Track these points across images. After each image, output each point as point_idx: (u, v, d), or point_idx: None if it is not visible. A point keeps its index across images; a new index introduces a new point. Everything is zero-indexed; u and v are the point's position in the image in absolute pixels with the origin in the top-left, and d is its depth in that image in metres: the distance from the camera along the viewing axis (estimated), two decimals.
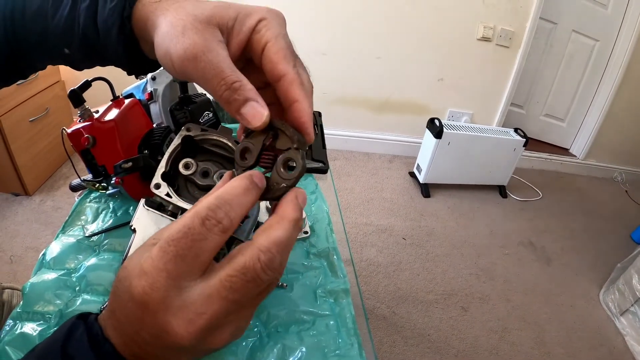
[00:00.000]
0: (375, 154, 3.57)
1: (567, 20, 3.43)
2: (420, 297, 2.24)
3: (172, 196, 0.62)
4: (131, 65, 0.51)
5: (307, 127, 0.39)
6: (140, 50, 0.48)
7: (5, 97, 2.22)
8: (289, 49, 0.40)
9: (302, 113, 0.39)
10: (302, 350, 0.71)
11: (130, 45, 0.47)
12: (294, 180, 0.38)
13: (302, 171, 0.38)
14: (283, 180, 0.38)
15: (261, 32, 0.40)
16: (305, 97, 0.39)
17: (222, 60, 0.38)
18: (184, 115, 0.97)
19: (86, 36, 0.48)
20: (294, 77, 0.39)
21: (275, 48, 0.40)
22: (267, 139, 0.40)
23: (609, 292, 2.44)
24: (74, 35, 0.49)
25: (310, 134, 0.39)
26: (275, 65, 0.39)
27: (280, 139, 0.39)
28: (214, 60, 0.38)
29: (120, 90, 1.05)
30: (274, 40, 0.40)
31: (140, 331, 0.32)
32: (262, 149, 0.40)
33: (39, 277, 0.79)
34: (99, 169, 0.88)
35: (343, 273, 0.87)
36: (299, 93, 0.39)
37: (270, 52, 0.40)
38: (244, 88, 0.38)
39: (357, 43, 3.13)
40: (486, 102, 3.42)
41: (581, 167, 3.91)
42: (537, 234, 2.96)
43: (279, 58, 0.39)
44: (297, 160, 0.38)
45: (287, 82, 0.39)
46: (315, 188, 1.14)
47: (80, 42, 0.49)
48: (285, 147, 0.39)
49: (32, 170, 2.52)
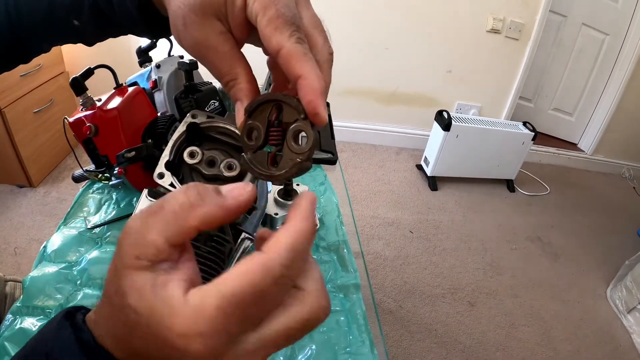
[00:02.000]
0: (382, 146, 3.55)
1: (577, 13, 3.39)
2: (427, 292, 2.22)
3: (177, 186, 0.59)
4: (149, 29, 0.48)
5: (314, 106, 0.33)
6: (156, 12, 0.45)
7: (9, 88, 2.21)
8: (282, 17, 0.34)
9: (308, 89, 0.33)
10: (312, 348, 0.69)
11: (145, 6, 0.44)
12: (308, 153, 0.35)
13: (315, 141, 0.35)
14: (296, 155, 0.35)
15: (249, 5, 0.35)
16: (311, 70, 0.33)
17: (221, 59, 0.37)
18: (189, 103, 0.94)
19: (97, 4, 0.46)
20: (291, 49, 0.33)
21: (264, 21, 0.34)
22: (272, 114, 0.37)
23: (616, 289, 2.42)
24: (83, 5, 0.46)
25: (319, 113, 0.33)
26: (268, 41, 0.34)
27: (285, 112, 0.36)
28: (215, 60, 0.37)
29: (124, 79, 1.03)
30: (263, 10, 0.34)
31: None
32: (268, 125, 0.37)
33: (39, 270, 0.78)
34: (102, 159, 0.86)
35: (354, 267, 0.85)
36: (300, 66, 0.33)
37: (261, 26, 0.34)
38: (236, 88, 0.37)
39: (366, 34, 3.10)
40: (495, 95, 3.39)
41: (589, 162, 3.87)
42: (544, 229, 2.93)
43: (270, 31, 0.34)
44: (307, 130, 0.34)
45: (285, 57, 0.34)
46: (324, 179, 1.11)
47: (91, 9, 0.46)
48: (292, 119, 0.35)
49: (36, 161, 2.51)
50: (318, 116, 0.33)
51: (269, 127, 0.37)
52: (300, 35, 0.35)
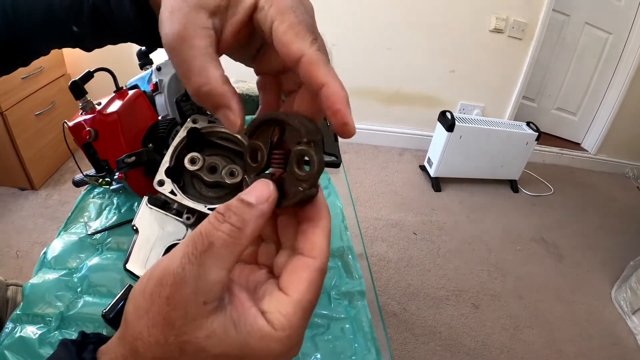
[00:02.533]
0: (384, 147, 3.53)
1: (579, 12, 3.37)
2: (431, 294, 2.21)
3: (177, 194, 0.58)
4: (146, 35, 0.46)
5: (343, 116, 0.31)
6: (153, 17, 0.43)
7: (10, 91, 2.20)
8: (302, 23, 0.32)
9: (335, 98, 0.31)
10: (316, 357, 0.67)
11: (147, 18, 0.43)
12: (311, 181, 0.31)
13: (320, 168, 0.31)
14: (299, 183, 0.32)
15: (264, 10, 0.33)
16: (335, 78, 0.31)
17: (195, 55, 0.32)
18: (191, 107, 0.93)
19: (97, 9, 0.44)
20: (313, 56, 0.31)
21: (283, 27, 0.32)
22: (274, 135, 0.34)
23: (621, 290, 2.40)
24: (83, 10, 0.44)
25: (348, 123, 0.31)
26: (288, 48, 0.31)
27: (288, 133, 0.33)
28: (186, 53, 0.32)
29: (124, 82, 1.01)
30: (281, 16, 0.32)
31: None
32: (270, 147, 0.35)
33: (39, 277, 0.77)
34: (102, 164, 0.85)
35: (358, 274, 0.83)
36: (324, 74, 0.31)
37: (278, 32, 0.32)
38: (214, 93, 0.32)
39: (367, 34, 3.09)
40: (498, 95, 3.37)
41: (593, 162, 3.85)
42: (548, 230, 2.91)
43: (290, 37, 0.31)
44: (311, 154, 0.31)
45: (306, 65, 0.31)
46: (328, 183, 1.10)
47: (90, 16, 0.45)
48: (294, 141, 0.33)
49: (38, 164, 2.50)
50: (347, 126, 0.31)
51: (271, 148, 0.35)
52: (321, 43, 0.33)
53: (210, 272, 0.28)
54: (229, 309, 0.29)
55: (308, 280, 0.31)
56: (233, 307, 0.29)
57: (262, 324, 0.29)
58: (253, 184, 0.32)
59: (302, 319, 0.30)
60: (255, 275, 0.36)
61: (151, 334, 0.28)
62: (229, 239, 0.29)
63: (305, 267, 0.32)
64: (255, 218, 0.30)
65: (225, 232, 0.29)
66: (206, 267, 0.28)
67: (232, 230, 0.29)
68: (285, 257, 0.35)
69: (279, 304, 0.30)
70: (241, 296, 0.30)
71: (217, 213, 0.30)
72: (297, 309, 0.30)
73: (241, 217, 0.29)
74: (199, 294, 0.27)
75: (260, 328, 0.29)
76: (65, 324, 0.69)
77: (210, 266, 0.28)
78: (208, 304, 0.28)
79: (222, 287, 0.28)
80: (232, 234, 0.29)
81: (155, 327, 0.28)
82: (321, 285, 0.32)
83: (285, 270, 0.33)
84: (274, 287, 0.32)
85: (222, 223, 0.29)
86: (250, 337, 0.29)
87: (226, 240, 0.28)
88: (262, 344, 0.29)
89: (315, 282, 0.31)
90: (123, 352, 0.30)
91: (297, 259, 0.33)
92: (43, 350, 0.64)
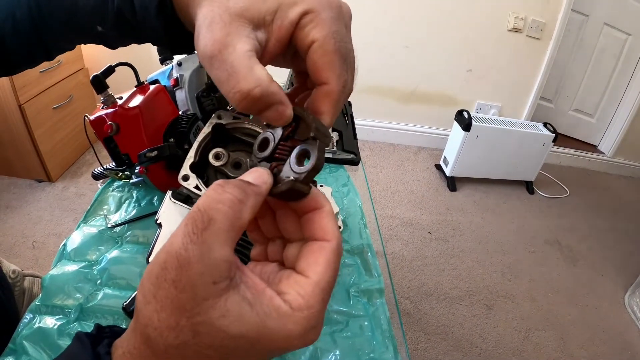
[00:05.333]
0: (401, 145, 3.53)
1: (598, 13, 3.32)
2: (444, 294, 2.20)
3: (202, 188, 0.58)
4: (172, 45, 0.47)
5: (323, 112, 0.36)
6: (181, 29, 0.43)
7: (28, 84, 2.22)
8: (338, 52, 0.34)
9: (320, 111, 0.36)
10: (335, 354, 0.67)
11: (172, 24, 0.43)
12: (303, 176, 0.32)
13: (317, 165, 0.32)
14: (291, 173, 0.33)
15: (306, 29, 0.34)
16: (336, 112, 0.36)
17: (238, 59, 0.31)
18: (211, 102, 0.93)
19: (121, 13, 0.44)
20: (334, 90, 0.34)
21: (320, 51, 0.34)
22: (287, 129, 0.35)
23: (635, 295, 2.37)
24: (107, 12, 0.44)
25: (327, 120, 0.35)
26: (319, 73, 0.34)
27: (301, 128, 0.34)
28: (229, 58, 0.31)
29: (145, 76, 1.02)
30: (322, 40, 0.33)
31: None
32: (280, 139, 0.35)
33: (59, 268, 0.77)
34: (122, 158, 0.86)
35: (378, 272, 0.83)
36: (329, 109, 0.35)
37: (315, 54, 0.34)
38: (267, 93, 0.31)
39: (385, 32, 3.08)
40: (515, 95, 3.35)
41: (609, 165, 3.79)
42: (563, 233, 2.88)
43: (323, 64, 0.34)
44: (312, 151, 0.32)
45: (323, 94, 0.35)
46: (347, 180, 1.10)
47: (115, 19, 0.44)
48: (303, 137, 0.34)
49: (55, 156, 2.53)
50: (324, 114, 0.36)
51: (280, 140, 0.35)
52: (347, 78, 0.36)
53: (213, 250, 0.27)
54: (243, 287, 0.28)
55: (326, 261, 0.32)
56: (247, 287, 0.29)
57: (280, 303, 0.29)
58: (250, 170, 0.33)
59: (321, 301, 0.30)
60: (267, 268, 0.36)
61: (161, 318, 0.27)
62: (230, 210, 0.28)
63: (322, 249, 0.32)
64: (254, 194, 0.30)
65: (226, 205, 0.28)
66: (209, 245, 0.27)
67: (232, 201, 0.29)
68: (295, 248, 0.35)
69: (297, 285, 0.31)
70: (254, 278, 0.30)
71: (217, 185, 0.30)
72: (316, 289, 0.30)
73: (242, 190, 0.30)
74: (206, 274, 0.26)
75: (277, 307, 0.29)
76: (85, 316, 0.69)
77: (212, 243, 0.27)
78: (218, 283, 0.27)
79: (228, 264, 0.28)
80: (233, 205, 0.28)
81: (164, 311, 0.27)
82: (338, 267, 0.33)
83: (301, 255, 0.33)
84: (290, 272, 0.33)
85: (223, 194, 0.29)
86: (268, 317, 0.28)
87: (227, 213, 0.28)
88: (280, 324, 0.28)
89: (333, 263, 0.32)
90: (135, 342, 0.30)
91: (311, 244, 0.33)
92: (62, 341, 0.65)
